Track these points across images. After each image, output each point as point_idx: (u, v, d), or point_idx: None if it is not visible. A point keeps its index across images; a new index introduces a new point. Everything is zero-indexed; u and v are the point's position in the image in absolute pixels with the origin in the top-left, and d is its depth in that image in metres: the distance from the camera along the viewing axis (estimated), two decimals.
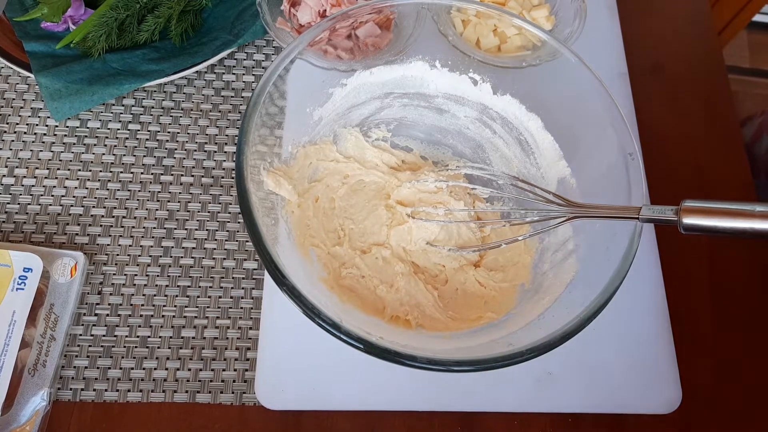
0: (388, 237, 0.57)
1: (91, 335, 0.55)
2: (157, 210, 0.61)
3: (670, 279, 0.60)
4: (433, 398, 0.54)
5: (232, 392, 0.54)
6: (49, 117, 0.64)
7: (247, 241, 0.60)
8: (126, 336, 0.56)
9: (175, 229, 0.60)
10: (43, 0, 0.66)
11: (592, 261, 0.50)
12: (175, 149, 0.64)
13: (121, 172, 0.62)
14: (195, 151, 0.64)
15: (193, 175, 0.63)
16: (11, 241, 0.58)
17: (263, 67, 0.69)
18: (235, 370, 0.55)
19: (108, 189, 0.61)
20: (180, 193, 0.62)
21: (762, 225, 0.41)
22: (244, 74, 0.68)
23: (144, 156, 0.63)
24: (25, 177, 0.61)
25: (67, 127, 0.64)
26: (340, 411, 0.54)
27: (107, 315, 0.56)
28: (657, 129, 0.69)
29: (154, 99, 0.66)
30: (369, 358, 0.42)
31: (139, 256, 0.59)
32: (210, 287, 0.58)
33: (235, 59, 0.69)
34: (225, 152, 0.64)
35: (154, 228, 0.60)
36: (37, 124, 0.64)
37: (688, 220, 0.42)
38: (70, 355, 0.55)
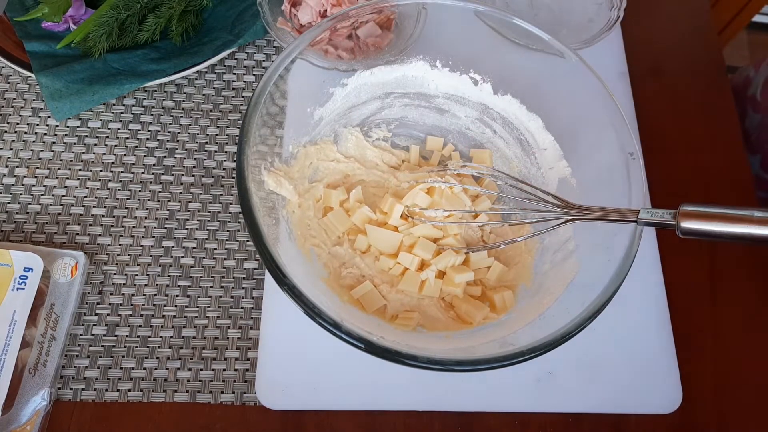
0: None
1: (92, 335, 0.55)
2: (157, 210, 0.61)
3: (670, 279, 0.60)
4: (433, 398, 0.54)
5: (233, 392, 0.54)
6: (49, 117, 0.64)
7: (247, 241, 0.60)
8: (126, 336, 0.56)
9: (176, 228, 0.60)
10: (44, 0, 0.66)
11: (592, 261, 0.50)
12: (176, 149, 0.64)
13: (122, 172, 0.62)
14: (195, 150, 0.64)
15: (193, 175, 0.63)
16: (12, 241, 0.58)
17: (264, 67, 0.69)
18: (235, 369, 0.55)
19: (108, 189, 0.61)
20: (180, 192, 0.62)
21: (760, 231, 0.41)
22: (244, 74, 0.68)
23: (145, 156, 0.63)
24: (25, 177, 0.61)
25: (68, 126, 0.64)
26: (341, 411, 0.54)
27: (108, 315, 0.56)
28: (657, 129, 0.69)
29: (154, 99, 0.66)
30: (370, 358, 0.42)
31: (140, 255, 0.59)
32: (210, 287, 0.58)
33: (236, 59, 0.69)
34: (226, 152, 0.64)
35: (155, 228, 0.60)
36: (37, 124, 0.64)
37: (686, 225, 0.43)
38: (70, 355, 0.55)
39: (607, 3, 0.67)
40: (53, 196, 0.61)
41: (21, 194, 0.60)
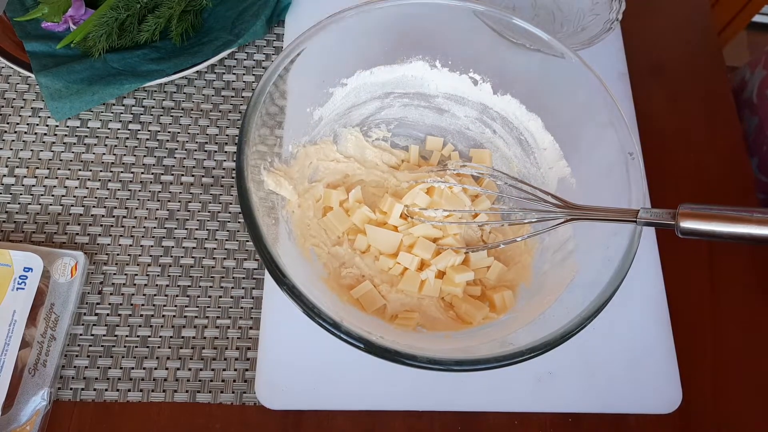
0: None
1: (92, 335, 0.55)
2: (157, 210, 0.61)
3: (670, 279, 0.60)
4: (433, 398, 0.54)
5: (233, 392, 0.54)
6: (49, 117, 0.64)
7: (247, 241, 0.60)
8: (126, 336, 0.56)
9: (176, 228, 0.60)
10: (44, 0, 0.66)
11: (592, 261, 0.50)
12: (176, 149, 0.64)
13: (122, 172, 0.62)
14: (195, 150, 0.64)
15: (193, 175, 0.63)
16: (11, 241, 0.58)
17: (263, 67, 0.69)
18: (235, 369, 0.55)
19: (108, 189, 0.61)
20: (180, 192, 0.62)
21: (760, 230, 0.41)
22: (244, 74, 0.68)
23: (144, 156, 0.63)
24: (25, 177, 0.61)
25: (68, 126, 0.64)
26: (341, 411, 0.54)
27: (107, 315, 0.56)
28: (657, 129, 0.69)
29: (154, 99, 0.66)
30: (369, 358, 0.42)
31: (140, 255, 0.59)
32: (210, 287, 0.58)
33: (236, 59, 0.69)
34: (225, 152, 0.64)
35: (155, 228, 0.60)
36: (37, 124, 0.64)
37: (686, 225, 0.43)
38: (70, 355, 0.55)
39: (606, 4, 0.67)
40: (53, 196, 0.61)
41: (21, 194, 0.60)
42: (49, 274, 0.55)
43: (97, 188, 0.61)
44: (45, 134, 0.63)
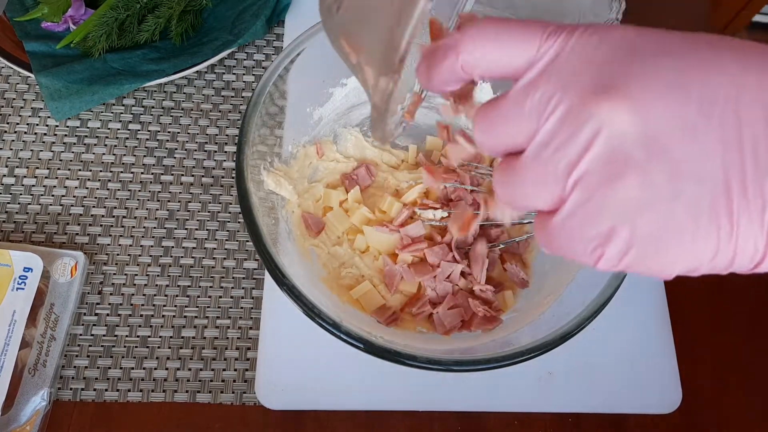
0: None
1: (92, 335, 0.55)
2: (157, 210, 0.61)
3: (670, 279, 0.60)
4: (433, 398, 0.54)
5: (233, 392, 0.54)
6: (49, 117, 0.64)
7: (247, 241, 0.60)
8: (126, 336, 0.56)
9: (176, 228, 0.60)
10: (44, 0, 0.66)
11: None
12: (176, 149, 0.64)
13: (122, 172, 0.62)
14: (195, 150, 0.64)
15: (193, 175, 0.63)
16: (11, 241, 0.58)
17: (263, 67, 0.69)
18: (235, 369, 0.55)
19: (108, 189, 0.61)
20: (180, 192, 0.62)
21: None
22: (244, 74, 0.68)
23: (144, 156, 0.63)
24: (25, 177, 0.61)
25: (68, 126, 0.64)
26: (340, 411, 0.54)
27: (107, 315, 0.56)
28: None
29: (154, 99, 0.66)
30: (369, 358, 0.42)
31: (140, 255, 0.59)
32: (210, 287, 0.58)
33: (236, 59, 0.69)
34: (225, 152, 0.64)
35: (155, 228, 0.60)
36: (37, 124, 0.64)
37: None
38: (70, 355, 0.55)
39: (606, 4, 0.67)
40: (53, 196, 0.61)
41: (21, 194, 0.60)
42: (49, 274, 0.55)
43: (97, 188, 0.61)
44: (45, 134, 0.63)
